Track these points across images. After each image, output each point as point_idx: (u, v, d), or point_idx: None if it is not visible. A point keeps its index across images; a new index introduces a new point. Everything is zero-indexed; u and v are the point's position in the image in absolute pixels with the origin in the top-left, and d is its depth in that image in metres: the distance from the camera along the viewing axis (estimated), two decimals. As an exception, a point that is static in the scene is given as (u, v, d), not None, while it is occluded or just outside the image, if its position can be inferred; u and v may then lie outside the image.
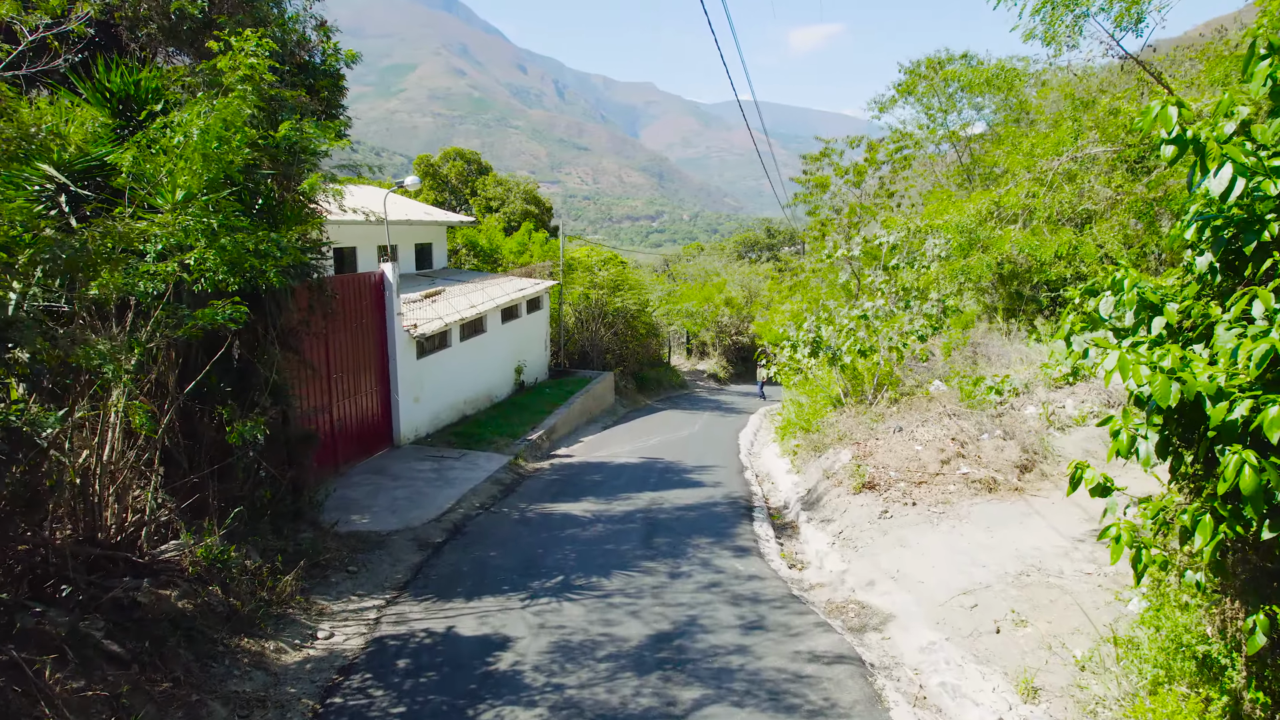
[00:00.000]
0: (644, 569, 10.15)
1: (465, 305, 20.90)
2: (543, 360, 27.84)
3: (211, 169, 6.28)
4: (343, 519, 12.29)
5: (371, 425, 16.38)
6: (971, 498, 12.57)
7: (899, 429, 15.12)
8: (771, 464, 18.94)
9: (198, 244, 5.96)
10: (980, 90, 28.87)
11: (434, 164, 48.37)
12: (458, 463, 16.08)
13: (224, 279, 6.20)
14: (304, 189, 8.57)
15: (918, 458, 13.90)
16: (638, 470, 17.12)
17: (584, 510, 13.27)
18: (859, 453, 14.80)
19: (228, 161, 6.51)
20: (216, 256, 6.02)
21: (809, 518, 13.34)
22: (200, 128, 6.18)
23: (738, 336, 50.32)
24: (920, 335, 17.35)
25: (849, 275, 21.24)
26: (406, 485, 14.43)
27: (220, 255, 6.03)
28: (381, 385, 16.73)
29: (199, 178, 6.18)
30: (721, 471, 17.44)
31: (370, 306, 16.19)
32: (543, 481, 15.64)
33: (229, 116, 6.55)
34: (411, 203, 29.92)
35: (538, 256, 31.36)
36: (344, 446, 15.26)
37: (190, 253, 5.97)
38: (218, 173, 6.41)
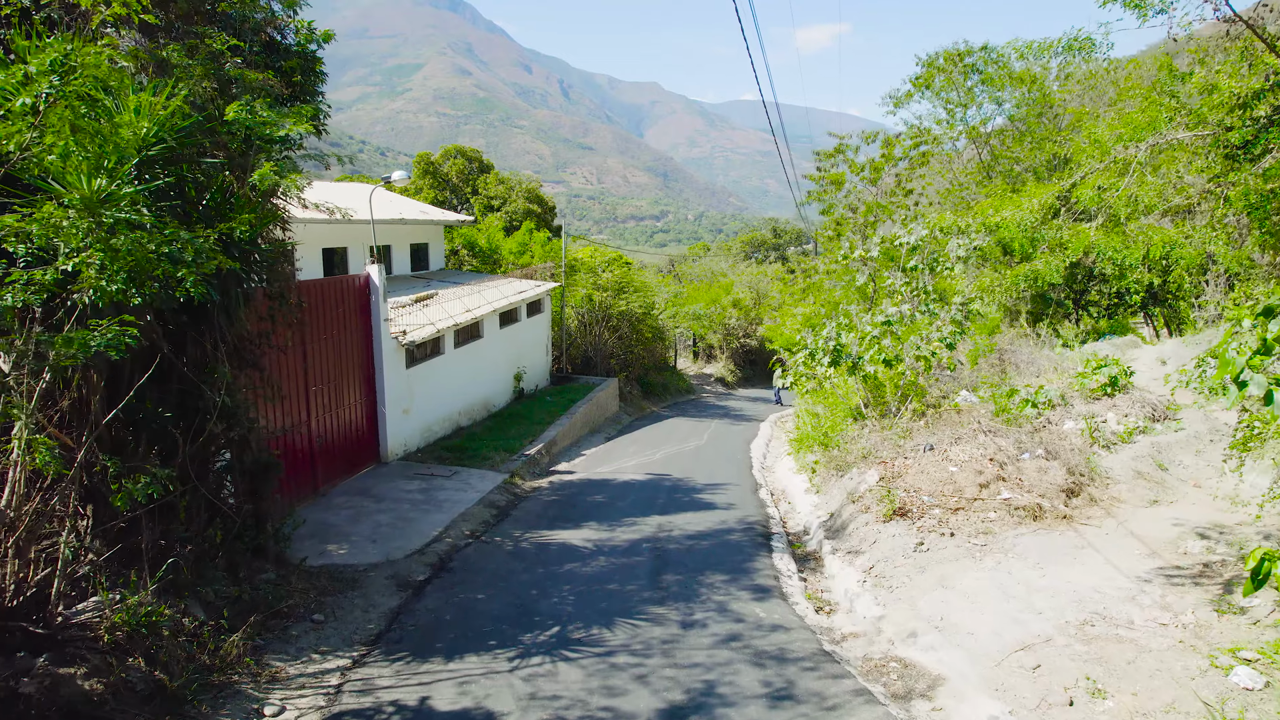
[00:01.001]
0: (652, 616, 8.87)
1: (460, 310, 19.65)
2: (544, 366, 26.59)
3: (94, 146, 5.02)
4: (316, 550, 11.06)
5: (356, 440, 15.14)
6: (1015, 527, 11.28)
7: (930, 447, 13.82)
8: (787, 481, 17.65)
9: (78, 242, 4.69)
10: (1001, 84, 27.57)
11: (434, 162, 47.18)
12: (449, 482, 14.83)
13: (120, 290, 4.94)
14: (255, 180, 7.30)
15: (953, 480, 12.61)
16: (644, 489, 15.85)
17: (584, 540, 12.00)
18: (887, 473, 13.52)
19: (124, 140, 5.24)
20: (107, 260, 4.76)
21: (833, 548, 12.05)
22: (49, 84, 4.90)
23: (745, 339, 49.04)
24: (949, 343, 16.06)
25: (866, 277, 19.94)
26: (391, 509, 13.18)
27: (112, 259, 4.77)
28: (367, 397, 15.49)
29: (84, 158, 4.92)
30: (734, 490, 16.16)
31: (354, 312, 14.95)
32: (540, 503, 14.37)
33: (101, 74, 5.27)
34: (406, 201, 28.69)
35: (539, 257, 30.12)
36: (324, 465, 14.02)
37: (83, 255, 4.72)
38: (112, 153, 5.14)
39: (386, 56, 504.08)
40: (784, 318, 30.91)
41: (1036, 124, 28.08)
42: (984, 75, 27.56)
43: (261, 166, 7.25)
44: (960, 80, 28.08)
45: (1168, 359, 21.04)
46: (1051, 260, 15.49)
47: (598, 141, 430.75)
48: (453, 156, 47.51)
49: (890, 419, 17.03)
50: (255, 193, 7.43)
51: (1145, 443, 13.90)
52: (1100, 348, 23.88)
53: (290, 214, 17.62)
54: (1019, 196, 15.58)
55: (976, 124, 27.98)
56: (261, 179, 7.16)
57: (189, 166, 7.34)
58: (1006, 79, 27.19)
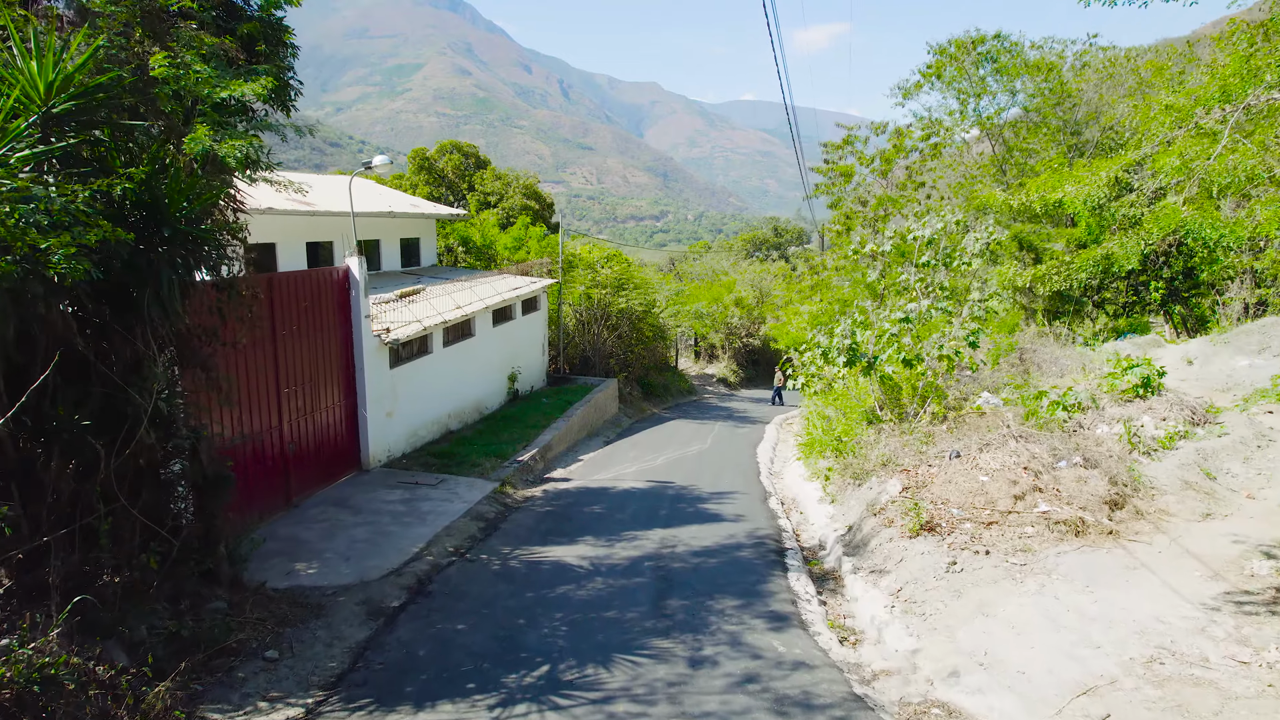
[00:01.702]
0: (656, 652, 7.76)
1: (450, 307, 18.54)
2: (540, 366, 25.47)
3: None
4: (283, 570, 9.95)
5: (334, 446, 14.03)
6: (1057, 544, 10.18)
7: (956, 454, 12.71)
8: (798, 489, 16.54)
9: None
10: (1016, 73, 26.45)
11: (429, 157, 46.05)
12: (434, 491, 13.71)
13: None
14: (189, 149, 6.19)
15: (984, 491, 11.50)
16: (645, 498, 14.74)
17: (580, 557, 10.88)
18: (910, 483, 12.41)
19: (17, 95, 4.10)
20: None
21: (855, 566, 10.93)
22: None
23: (748, 339, 47.93)
24: (971, 341, 14.95)
25: (878, 273, 18.83)
26: (369, 522, 12.07)
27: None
28: (347, 399, 14.38)
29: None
30: (742, 500, 15.05)
31: (332, 307, 13.84)
32: (533, 515, 13.25)
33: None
34: (396, 194, 27.59)
35: (535, 253, 28.98)
36: (298, 474, 12.91)
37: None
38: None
39: (386, 56, 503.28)
40: (790, 316, 29.79)
41: (1052, 114, 26.99)
42: (998, 64, 26.45)
43: (197, 129, 6.12)
44: (972, 70, 26.97)
45: (1194, 358, 19.97)
46: (1126, 242, 14.03)
47: (597, 141, 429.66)
48: (449, 152, 46.38)
49: (908, 423, 15.93)
50: (209, 167, 6.35)
51: (1189, 449, 12.79)
52: (1121, 347, 22.80)
53: (271, 206, 16.52)
54: (1079, 170, 14.11)
55: (990, 115, 26.89)
56: (191, 143, 6.03)
57: (111, 131, 6.24)
58: (1022, 67, 26.08)
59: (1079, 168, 15.32)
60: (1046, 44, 27.95)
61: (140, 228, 6.23)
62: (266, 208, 17.88)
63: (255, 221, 18.99)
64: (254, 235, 18.94)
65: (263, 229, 18.79)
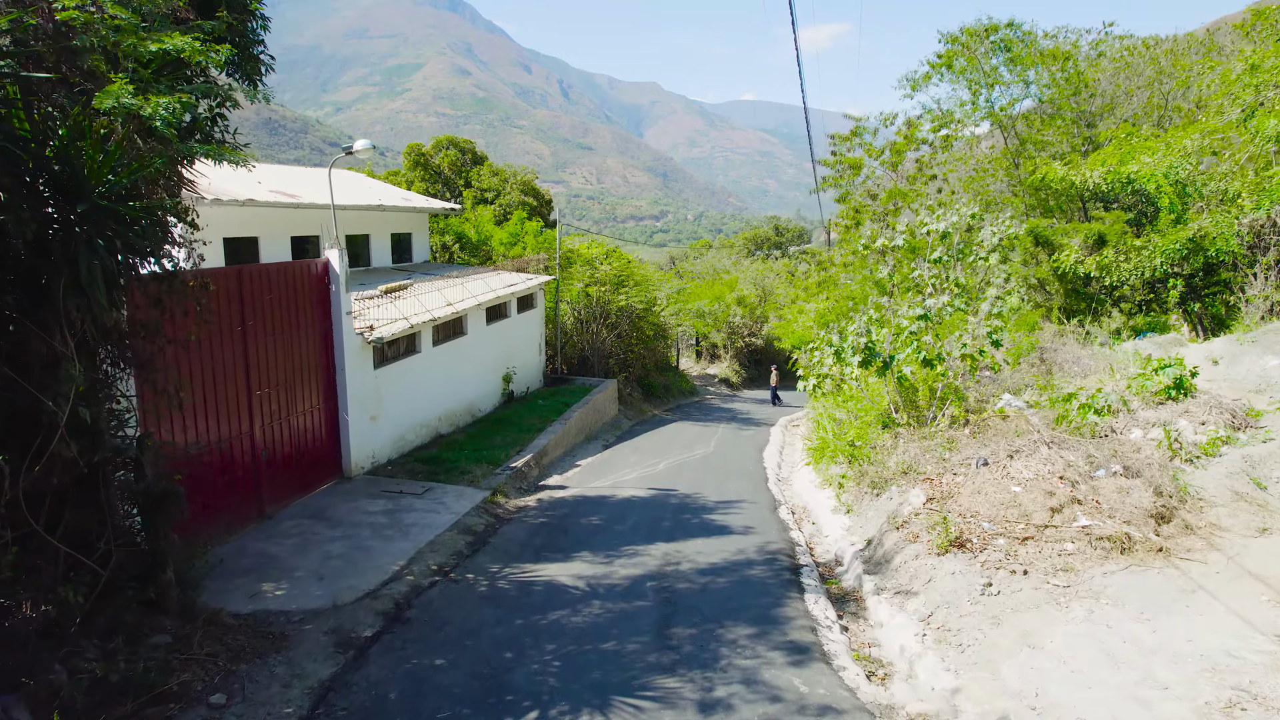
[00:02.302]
0: (661, 693, 6.78)
1: (440, 303, 17.55)
2: (536, 366, 24.49)
3: None
4: (248, 592, 8.99)
5: (312, 452, 13.05)
6: (1101, 562, 9.22)
7: (984, 462, 11.73)
8: (809, 497, 15.56)
9: None
10: (1030, 62, 25.45)
11: (425, 153, 45.07)
12: (419, 501, 12.73)
13: None
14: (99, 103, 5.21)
15: (1017, 503, 10.53)
16: (647, 508, 13.76)
17: (576, 577, 9.89)
18: (935, 493, 11.44)
19: None
20: None
21: (877, 586, 9.96)
22: None
23: (751, 338, 46.97)
24: (995, 339, 13.98)
25: (890, 269, 17.86)
26: (347, 536, 11.09)
27: None
28: (327, 402, 13.41)
29: None
30: (751, 509, 14.07)
31: (310, 303, 12.86)
32: (526, 527, 12.26)
33: None
34: (387, 187, 26.60)
35: (532, 248, 28.00)
36: (272, 483, 11.93)
37: None
38: None
39: (386, 56, 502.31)
40: (795, 314, 28.82)
41: (1067, 105, 26.00)
42: (1012, 53, 25.46)
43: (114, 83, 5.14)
44: (985, 59, 25.98)
45: (1220, 358, 19.01)
46: (1220, 219, 12.74)
47: (597, 141, 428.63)
48: (445, 148, 45.38)
49: (926, 427, 14.97)
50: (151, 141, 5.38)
51: (1234, 456, 11.78)
52: (1141, 346, 21.85)
53: (252, 197, 15.54)
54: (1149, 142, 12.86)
55: (1005, 104, 25.88)
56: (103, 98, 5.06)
57: (19, 89, 5.27)
58: (1037, 56, 25.08)
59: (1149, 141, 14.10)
60: (1060, 33, 26.99)
61: (52, 201, 5.25)
62: (247, 199, 16.94)
63: (236, 214, 18.08)
64: (235, 228, 18.02)
65: (244, 222, 17.84)
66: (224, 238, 17.47)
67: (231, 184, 18.58)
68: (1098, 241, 24.24)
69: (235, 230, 17.76)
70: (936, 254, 16.33)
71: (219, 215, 17.08)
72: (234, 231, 17.71)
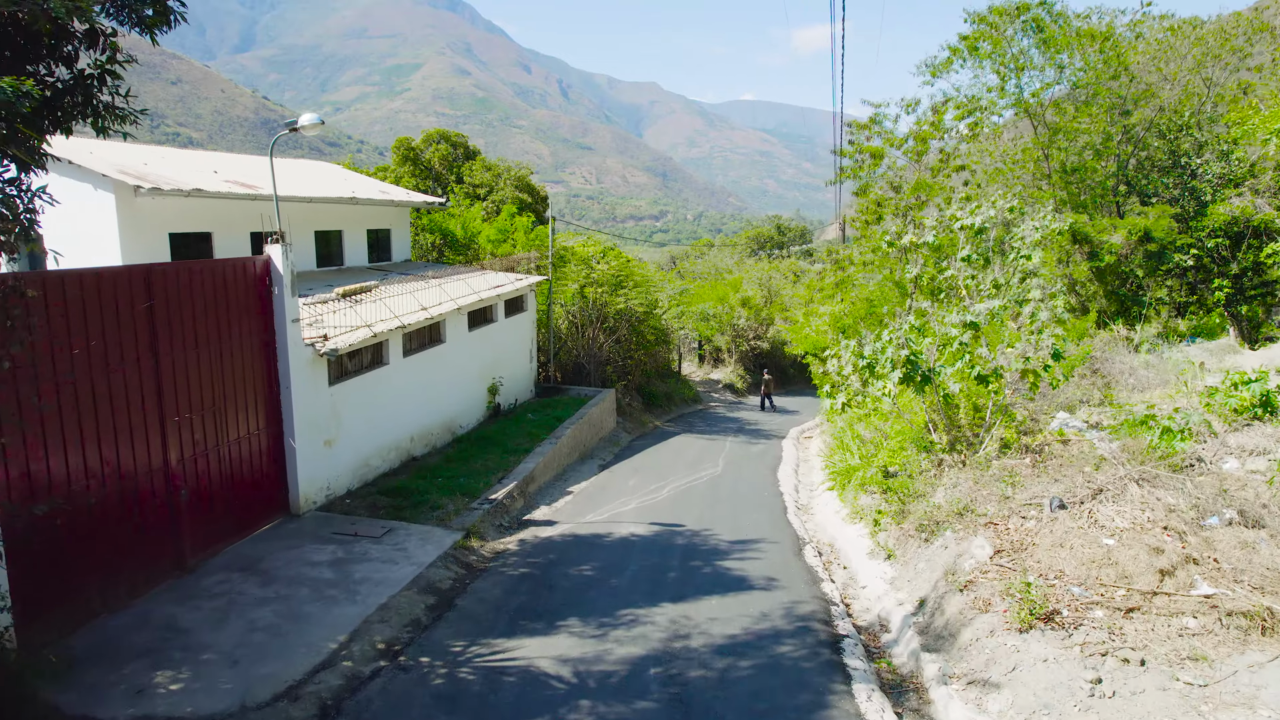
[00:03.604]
0: None
1: (413, 307, 15.43)
2: (526, 375, 22.36)
3: None
4: (132, 686, 6.90)
5: (251, 487, 10.94)
6: (1240, 648, 7.15)
7: (1060, 504, 9.63)
8: (837, 532, 13.43)
9: None
10: (1065, 43, 23.32)
11: (415, 148, 42.93)
12: (376, 548, 10.61)
13: None
14: None
15: (1111, 560, 8.43)
16: (649, 551, 11.64)
17: (559, 660, 7.76)
18: (1003, 543, 9.33)
19: None
20: None
21: (943, 670, 7.83)
22: None
23: (756, 341, 44.82)
24: (1057, 352, 11.88)
25: (919, 268, 15.75)
26: (281, 597, 8.98)
27: None
28: (270, 426, 11.30)
29: None
30: (771, 552, 11.94)
31: (246, 310, 10.74)
32: (503, 581, 10.13)
33: None
34: (363, 178, 24.46)
35: (522, 246, 25.85)
36: (196, 526, 9.82)
37: None
38: None
39: (385, 56, 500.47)
40: (807, 317, 26.68)
41: (1104, 90, 23.86)
42: (1045, 34, 23.33)
43: None
44: (1015, 39, 23.84)
45: (1286, 367, 16.96)
46: None
47: (597, 141, 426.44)
48: (435, 142, 43.24)
49: (970, 450, 12.89)
50: None
51: None
52: (1191, 353, 19.78)
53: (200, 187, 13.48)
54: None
55: (1036, 90, 23.74)
56: None
57: None
58: (1072, 37, 22.95)
59: None
60: (1094, 14, 24.87)
61: None
62: (193, 189, 14.84)
63: (181, 206, 15.90)
64: (181, 222, 15.85)
65: (192, 215, 15.74)
66: (169, 233, 15.37)
67: (177, 171, 16.48)
68: (1143, 238, 22.16)
69: (182, 224, 15.66)
70: (965, 252, 14.28)
71: (160, 206, 14.98)
72: (181, 225, 15.61)
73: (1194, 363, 17.94)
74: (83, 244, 14.53)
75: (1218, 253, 23.15)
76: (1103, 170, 24.67)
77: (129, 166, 15.31)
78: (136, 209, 14.57)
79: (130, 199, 14.32)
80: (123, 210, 14.36)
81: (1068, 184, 24.25)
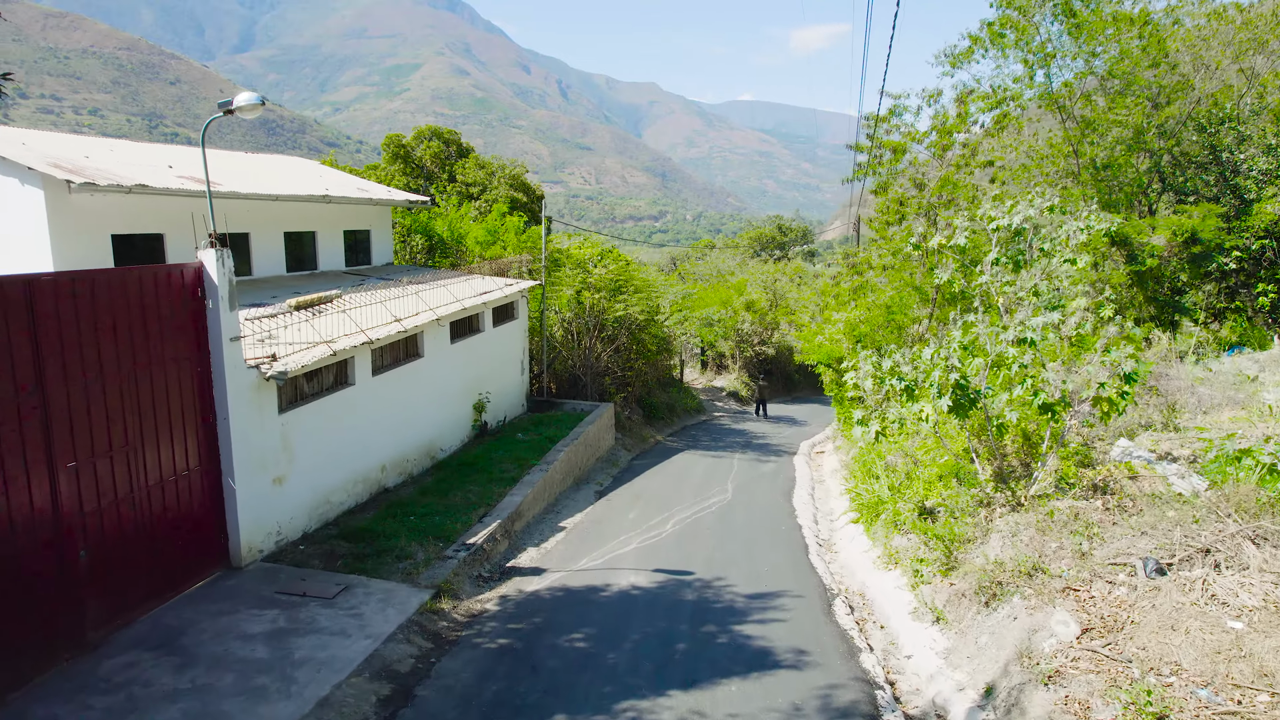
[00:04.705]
0: None
1: (386, 318, 13.66)
2: (517, 389, 20.57)
3: None
4: None
5: (178, 538, 9.16)
6: None
7: (1158, 568, 7.85)
8: (869, 579, 11.63)
9: None
10: (1101, 27, 21.58)
11: (406, 144, 41.13)
12: (325, 613, 8.83)
13: None
14: None
15: (1240, 649, 6.68)
16: (654, 609, 9.86)
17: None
18: (1090, 618, 7.55)
19: None
20: None
21: (1035, 801, 6.06)
22: None
23: (761, 347, 43.06)
24: (1130, 375, 10.13)
25: (950, 272, 13.97)
26: (195, 691, 7.20)
27: None
28: (205, 463, 9.53)
29: None
30: (797, 609, 10.16)
31: (172, 328, 8.97)
32: (477, 661, 8.35)
33: None
34: (340, 174, 22.66)
35: (513, 248, 24.05)
36: (100, 592, 8.05)
37: None
38: None
39: (385, 56, 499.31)
40: (820, 325, 24.89)
41: (1141, 80, 22.14)
42: (1077, 18, 21.57)
43: None
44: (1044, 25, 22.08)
45: (1353, 384, 15.28)
46: None
47: (596, 142, 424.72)
48: (427, 139, 41.43)
49: (1020, 484, 11.15)
50: None
51: None
52: (1243, 365, 18.04)
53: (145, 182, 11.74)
54: None
55: (1068, 80, 22.01)
56: None
57: None
58: (1108, 21, 21.20)
59: None
60: (1124, -1, 23.15)
61: None
62: (136, 184, 13.07)
63: (126, 204, 14.10)
64: (126, 222, 13.98)
65: (140, 214, 13.98)
66: (112, 234, 13.61)
67: (123, 165, 14.72)
68: (1189, 240, 20.41)
69: (128, 225, 13.90)
70: (994, 255, 12.57)
71: (101, 205, 13.22)
72: (126, 226, 13.85)
73: (1250, 377, 16.24)
74: (10, 247, 12.80)
75: (1263, 255, 21.49)
76: (1135, 167, 22.94)
77: (65, 159, 13.54)
78: (71, 207, 12.81)
79: (63, 195, 12.56)
80: (54, 208, 12.59)
81: (1098, 181, 22.54)
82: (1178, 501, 9.62)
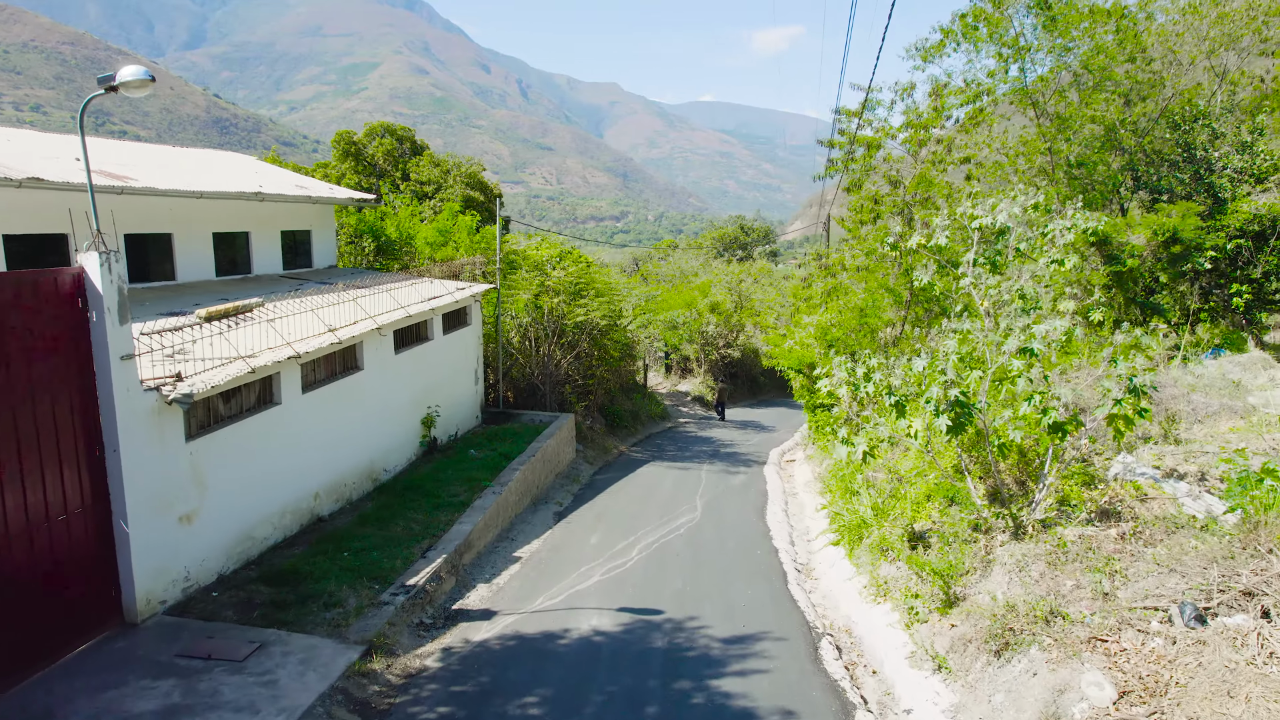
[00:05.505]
0: None
1: (319, 329, 12.27)
2: (470, 401, 19.21)
3: None
4: None
5: (54, 595, 7.74)
6: None
7: (1197, 616, 6.85)
8: (854, 611, 10.55)
9: None
10: (1077, 21, 20.90)
11: (357, 141, 39.44)
12: (231, 682, 7.48)
13: None
14: None
15: (1304, 718, 5.65)
16: (619, 663, 8.66)
17: None
18: (1127, 677, 6.52)
19: None
20: None
21: None
22: None
23: (726, 349, 42.14)
24: (1141, 388, 9.16)
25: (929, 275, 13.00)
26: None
27: None
28: (93, 502, 8.12)
29: None
30: (780, 655, 9.03)
31: (46, 345, 7.56)
32: (411, 733, 7.10)
33: None
34: (278, 171, 21.09)
35: (466, 249, 22.67)
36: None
37: None
38: None
39: (342, 55, 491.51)
40: (790, 329, 23.89)
41: (1116, 75, 21.54)
42: (1052, 11, 20.86)
43: None
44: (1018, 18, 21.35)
45: (1341, 388, 14.73)
46: None
47: (557, 142, 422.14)
48: (379, 135, 39.77)
49: (1017, 505, 10.18)
50: None
51: None
52: (1228, 369, 17.43)
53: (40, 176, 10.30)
54: None
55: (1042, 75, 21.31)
56: None
57: None
58: (1084, 14, 20.52)
59: None
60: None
61: None
62: (28, 178, 11.53)
63: (18, 200, 12.55)
64: (23, 221, 12.37)
65: (40, 212, 12.41)
66: (3, 235, 12.05)
67: (18, 157, 13.13)
68: (1169, 239, 19.77)
69: (23, 224, 12.33)
70: (972, 255, 11.70)
71: (-14, 202, 11.68)
72: (20, 226, 12.29)
73: (1235, 382, 15.57)
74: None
75: (1238, 255, 20.97)
76: (1109, 165, 22.36)
77: (-53, 150, 11.96)
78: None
79: None
80: (-73, 205, 11.03)
81: (1072, 179, 21.91)
82: (1195, 528, 8.70)
